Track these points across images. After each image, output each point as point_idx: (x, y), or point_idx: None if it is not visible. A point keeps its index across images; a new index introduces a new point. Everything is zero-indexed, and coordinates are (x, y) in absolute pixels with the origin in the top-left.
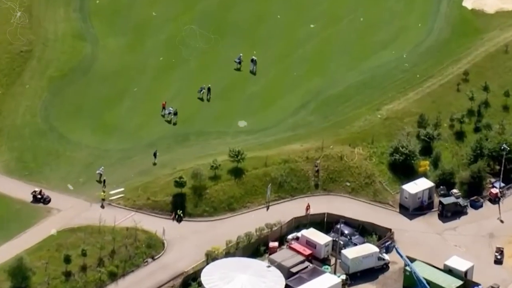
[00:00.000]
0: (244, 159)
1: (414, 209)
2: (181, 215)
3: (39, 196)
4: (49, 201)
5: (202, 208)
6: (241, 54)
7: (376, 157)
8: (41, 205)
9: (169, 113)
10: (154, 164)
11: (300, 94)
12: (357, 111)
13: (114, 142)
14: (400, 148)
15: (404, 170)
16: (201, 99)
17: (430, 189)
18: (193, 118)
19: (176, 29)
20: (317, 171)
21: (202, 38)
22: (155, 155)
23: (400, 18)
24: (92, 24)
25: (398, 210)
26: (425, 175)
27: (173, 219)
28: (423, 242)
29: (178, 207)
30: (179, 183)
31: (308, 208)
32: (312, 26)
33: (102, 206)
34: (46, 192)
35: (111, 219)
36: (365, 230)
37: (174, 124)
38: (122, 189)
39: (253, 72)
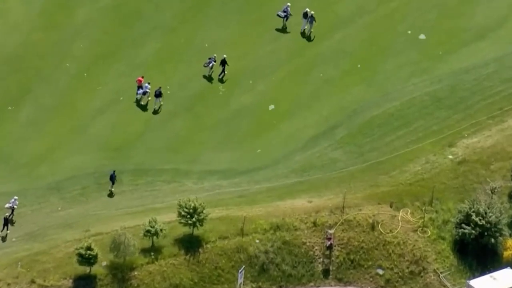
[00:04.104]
0: (203, 221)
1: None
2: None
3: None
4: None
5: None
6: (288, 4)
7: (434, 229)
8: None
9: (145, 92)
10: (110, 195)
11: (323, 111)
12: (415, 146)
13: None
14: (474, 216)
15: (478, 253)
16: (209, 79)
17: None
18: (134, 143)
19: None
20: (330, 247)
21: (169, 7)
22: (112, 178)
23: None
24: None
25: None
26: None
27: None
28: None
29: None
30: (86, 258)
31: None
32: None
33: None
34: None
35: None
36: None
37: (157, 111)
38: None
39: (306, 36)
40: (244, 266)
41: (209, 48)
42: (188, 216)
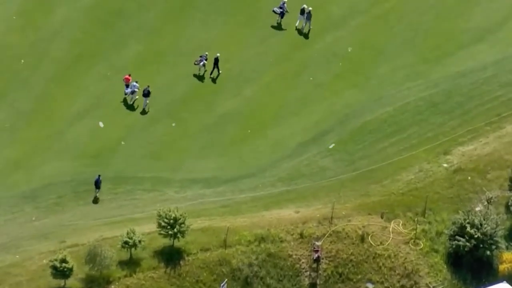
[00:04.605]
0: (185, 232)
1: None
2: None
3: None
4: None
5: None
6: (285, 0)
7: (426, 241)
8: None
9: (133, 92)
10: (95, 201)
11: (312, 117)
12: (408, 154)
13: None
14: (469, 228)
15: (473, 266)
16: (200, 78)
17: None
18: (114, 150)
19: None
20: (317, 259)
21: (153, 7)
22: (97, 184)
23: None
24: None
25: None
26: (509, 278)
27: None
28: None
29: None
30: (60, 271)
31: None
32: None
33: None
34: None
35: None
36: None
37: (145, 112)
38: None
39: (303, 33)
40: (226, 280)
41: (195, 50)
42: (168, 227)
